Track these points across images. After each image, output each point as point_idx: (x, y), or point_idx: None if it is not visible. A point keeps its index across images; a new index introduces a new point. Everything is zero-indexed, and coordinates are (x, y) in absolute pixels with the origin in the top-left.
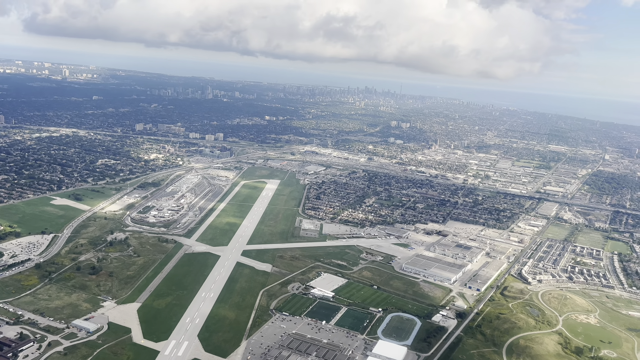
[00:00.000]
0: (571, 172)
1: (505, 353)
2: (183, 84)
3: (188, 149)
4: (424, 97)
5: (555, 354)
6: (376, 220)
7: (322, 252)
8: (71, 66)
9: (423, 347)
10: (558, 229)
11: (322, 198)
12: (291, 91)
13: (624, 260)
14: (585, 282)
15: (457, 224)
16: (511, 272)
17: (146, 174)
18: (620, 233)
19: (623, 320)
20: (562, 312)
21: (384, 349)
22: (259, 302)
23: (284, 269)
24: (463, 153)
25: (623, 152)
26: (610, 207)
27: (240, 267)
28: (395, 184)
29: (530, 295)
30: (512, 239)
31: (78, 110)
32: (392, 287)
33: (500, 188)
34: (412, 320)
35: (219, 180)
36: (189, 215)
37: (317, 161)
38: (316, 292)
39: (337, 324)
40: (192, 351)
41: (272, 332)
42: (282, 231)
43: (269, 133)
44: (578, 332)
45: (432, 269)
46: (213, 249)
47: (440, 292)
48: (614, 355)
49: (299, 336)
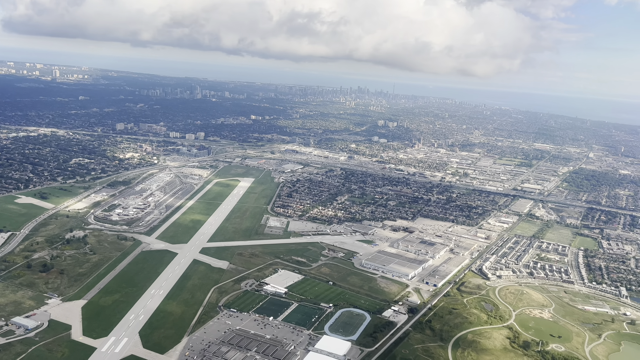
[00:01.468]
0: (552, 170)
1: (451, 347)
2: (174, 84)
3: (165, 148)
4: (416, 97)
5: (501, 348)
6: (345, 218)
7: (284, 249)
8: (63, 67)
9: (368, 342)
10: (528, 226)
11: (294, 196)
12: (283, 91)
13: (589, 256)
14: (545, 277)
15: (427, 220)
16: (472, 268)
17: (118, 173)
18: (590, 229)
19: (577, 314)
20: (517, 307)
21: (327, 344)
22: (208, 298)
23: (241, 266)
24: (446, 151)
25: (609, 150)
26: (585, 204)
27: (195, 265)
28: (371, 182)
29: (487, 290)
30: (479, 235)
31: (61, 110)
32: (348, 283)
33: (477, 185)
34: (362, 316)
35: (192, 178)
36: (154, 213)
37: (296, 160)
38: (269, 288)
39: (285, 319)
40: (130, 348)
41: (216, 329)
42: (247, 229)
43: (253, 132)
44: (529, 326)
45: (391, 264)
46: (172, 246)
47: (397, 288)
48: (562, 349)
49: (243, 332)
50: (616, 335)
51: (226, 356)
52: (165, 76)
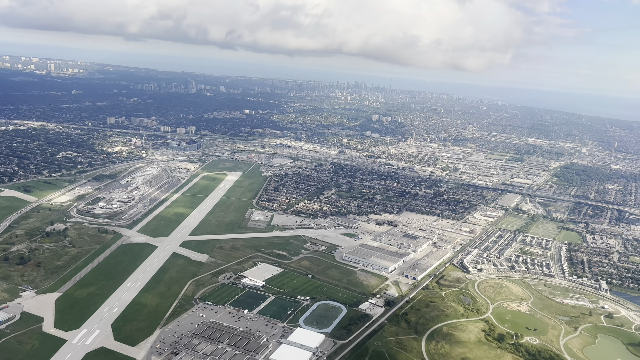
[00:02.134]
0: (543, 165)
1: (425, 340)
2: (170, 79)
3: (155, 142)
4: (413, 92)
5: (476, 340)
6: (330, 212)
7: (265, 243)
8: (59, 61)
9: (342, 334)
10: (514, 220)
11: (281, 190)
12: (279, 86)
13: (572, 250)
14: (526, 271)
15: (412, 214)
16: (453, 262)
17: (105, 166)
18: (576, 223)
19: (555, 308)
20: (495, 300)
21: (300, 336)
22: (184, 291)
23: (221, 259)
24: (438, 146)
25: (602, 145)
26: (573, 199)
27: (175, 258)
28: (359, 176)
29: (467, 284)
30: (463, 229)
31: (53, 104)
32: (327, 276)
33: (466, 180)
34: (338, 308)
35: (179, 172)
36: (137, 206)
37: (286, 154)
38: (247, 281)
39: (261, 312)
40: (101, 340)
41: (189, 321)
42: (230, 222)
43: (245, 126)
44: (506, 319)
45: (371, 258)
46: (152, 239)
47: (376, 281)
48: (537, 341)
49: (215, 325)
50: (593, 329)
51: (197, 348)
52: (162, 71)
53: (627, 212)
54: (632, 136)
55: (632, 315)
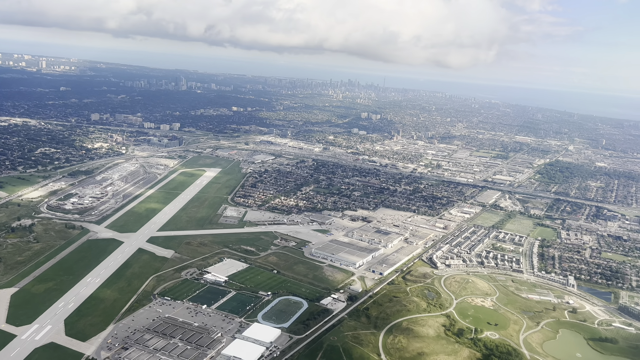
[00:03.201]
0: (527, 162)
1: (383, 334)
2: (162, 76)
3: (136, 138)
4: (406, 90)
5: (435, 335)
6: (306, 207)
7: (234, 239)
8: (51, 58)
9: (299, 329)
10: (491, 216)
11: (258, 186)
12: (272, 84)
13: (545, 246)
14: (495, 266)
15: (389, 210)
16: (422, 257)
17: (83, 162)
18: (552, 220)
19: (520, 303)
20: (460, 295)
21: (256, 331)
22: (144, 287)
23: (186, 255)
24: (424, 143)
25: (590, 143)
26: (553, 195)
27: (140, 253)
28: (340, 173)
29: (433, 279)
30: (437, 225)
31: (39, 100)
32: (293, 271)
33: (448, 177)
34: (299, 303)
35: (157, 168)
36: (109, 202)
37: (269, 151)
38: (209, 277)
39: (219, 307)
40: (52, 335)
41: (145, 316)
42: (202, 218)
43: (231, 123)
44: (468, 314)
45: (340, 253)
46: (120, 235)
47: (342, 276)
48: (497, 336)
49: (171, 320)
50: (555, 324)
51: (148, 343)
52: (155, 68)
53: (605, 209)
54: (621, 134)
55: (596, 310)
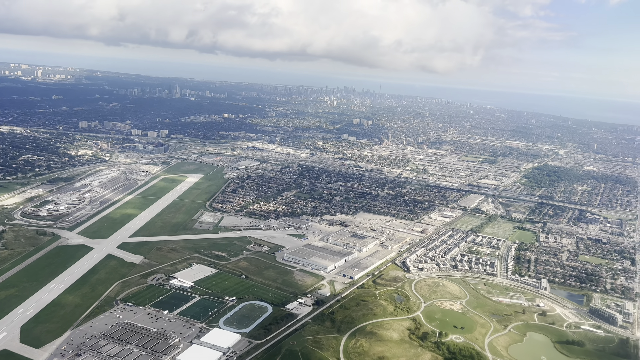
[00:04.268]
0: (515, 166)
1: (345, 338)
2: (158, 84)
3: (122, 145)
4: (402, 96)
5: (398, 339)
6: (284, 212)
7: (207, 244)
8: (48, 67)
9: (260, 334)
10: (472, 219)
11: (239, 191)
12: (267, 91)
13: (522, 249)
14: (469, 270)
15: (368, 215)
16: (396, 261)
17: (65, 170)
18: (533, 223)
19: (489, 306)
20: (429, 298)
21: (215, 336)
22: (108, 293)
23: (155, 260)
24: (413, 149)
25: (581, 147)
26: (537, 199)
27: (108, 259)
28: (324, 178)
29: (404, 283)
30: (415, 229)
31: (29, 109)
32: (263, 276)
33: (433, 181)
34: (263, 308)
35: (139, 174)
36: (86, 208)
37: (255, 156)
38: (175, 282)
39: (181, 313)
40: (6, 342)
41: (104, 322)
42: (177, 224)
43: (220, 130)
44: (435, 318)
45: (312, 257)
46: (91, 241)
47: (312, 280)
48: (462, 340)
49: (129, 326)
50: (523, 326)
51: (102, 350)
52: (151, 76)
53: (588, 212)
54: (614, 138)
55: (566, 313)
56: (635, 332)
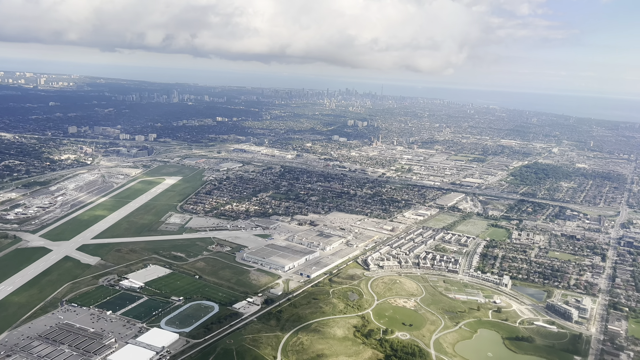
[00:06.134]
0: (503, 165)
1: (287, 336)
2: (161, 90)
3: (107, 149)
4: (404, 97)
5: (342, 337)
6: (255, 213)
7: (168, 245)
8: (52, 75)
9: (199, 333)
10: (446, 217)
11: (214, 193)
12: (268, 94)
13: (491, 246)
14: (431, 267)
15: (341, 214)
16: (358, 259)
17: (43, 174)
18: (509, 220)
19: (444, 303)
20: (383, 296)
21: (152, 336)
22: (55, 294)
23: (112, 262)
24: (403, 149)
25: (577, 145)
26: (518, 196)
27: (64, 261)
28: (305, 179)
29: (361, 280)
30: (384, 227)
31: (22, 115)
32: (218, 276)
33: (416, 180)
34: (210, 308)
35: (117, 177)
36: (55, 211)
37: (239, 158)
38: (125, 283)
39: (125, 313)
40: None
41: (43, 323)
42: (143, 225)
43: (210, 133)
44: (385, 315)
45: (272, 257)
46: (51, 243)
47: (267, 279)
48: (407, 337)
49: (67, 326)
50: (476, 323)
51: (33, 350)
52: (154, 82)
53: (569, 209)
54: (614, 136)
55: (522, 309)
56: (590, 328)
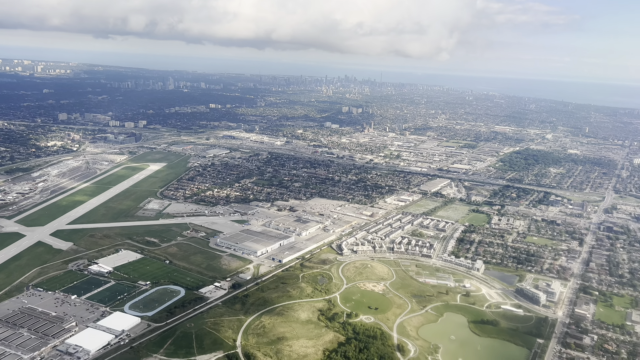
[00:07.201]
0: (494, 151)
1: (250, 320)
2: (158, 77)
3: (94, 136)
4: (403, 84)
5: (305, 320)
6: (236, 199)
7: (143, 231)
8: (50, 63)
9: (162, 317)
10: (428, 203)
11: (197, 179)
12: (266, 81)
13: (468, 232)
14: (405, 252)
15: (322, 200)
16: (332, 244)
17: (27, 160)
18: (491, 206)
19: (413, 287)
20: (353, 280)
21: (113, 320)
22: (23, 278)
23: (84, 247)
24: (395, 135)
25: (572, 131)
26: (504, 182)
27: (36, 246)
28: (290, 165)
29: (332, 265)
30: (364, 213)
31: (14, 102)
32: (188, 261)
33: (403, 167)
34: (176, 292)
35: (102, 164)
36: (35, 197)
37: (227, 145)
38: (94, 268)
39: (90, 297)
40: None
41: (7, 307)
42: (120, 211)
43: (202, 120)
44: (352, 299)
45: (245, 242)
46: (25, 229)
47: (238, 264)
48: (371, 320)
49: (29, 310)
50: (442, 307)
51: None
52: (153, 70)
53: (553, 195)
54: (611, 122)
55: (491, 293)
56: (557, 312)
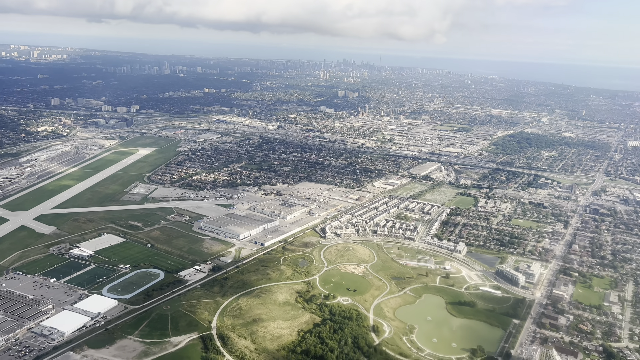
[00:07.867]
0: (487, 134)
1: (227, 302)
2: (155, 62)
3: (85, 121)
4: (403, 68)
5: (283, 302)
6: (223, 183)
7: (127, 215)
8: (47, 48)
9: (139, 300)
10: (416, 186)
11: (186, 163)
12: (264, 65)
13: (454, 214)
14: (388, 234)
15: (310, 184)
16: (316, 228)
17: (17, 145)
18: (479, 189)
19: (394, 269)
20: (334, 263)
21: (90, 303)
22: (2, 262)
23: (67, 231)
24: (389, 119)
25: (569, 114)
26: (495, 165)
27: (19, 231)
28: (281, 150)
29: (314, 248)
30: (351, 196)
31: (7, 87)
32: (171, 245)
33: (394, 150)
34: (155, 275)
35: (91, 148)
36: (21, 182)
37: (219, 129)
38: (75, 252)
39: (69, 281)
40: None
41: None
42: (106, 195)
43: (196, 104)
44: (331, 281)
45: (228, 226)
46: (9, 213)
47: (219, 247)
48: (349, 301)
49: (6, 293)
50: (422, 289)
51: None
52: (150, 54)
53: (542, 177)
54: (609, 105)
55: (472, 275)
56: (535, 293)
